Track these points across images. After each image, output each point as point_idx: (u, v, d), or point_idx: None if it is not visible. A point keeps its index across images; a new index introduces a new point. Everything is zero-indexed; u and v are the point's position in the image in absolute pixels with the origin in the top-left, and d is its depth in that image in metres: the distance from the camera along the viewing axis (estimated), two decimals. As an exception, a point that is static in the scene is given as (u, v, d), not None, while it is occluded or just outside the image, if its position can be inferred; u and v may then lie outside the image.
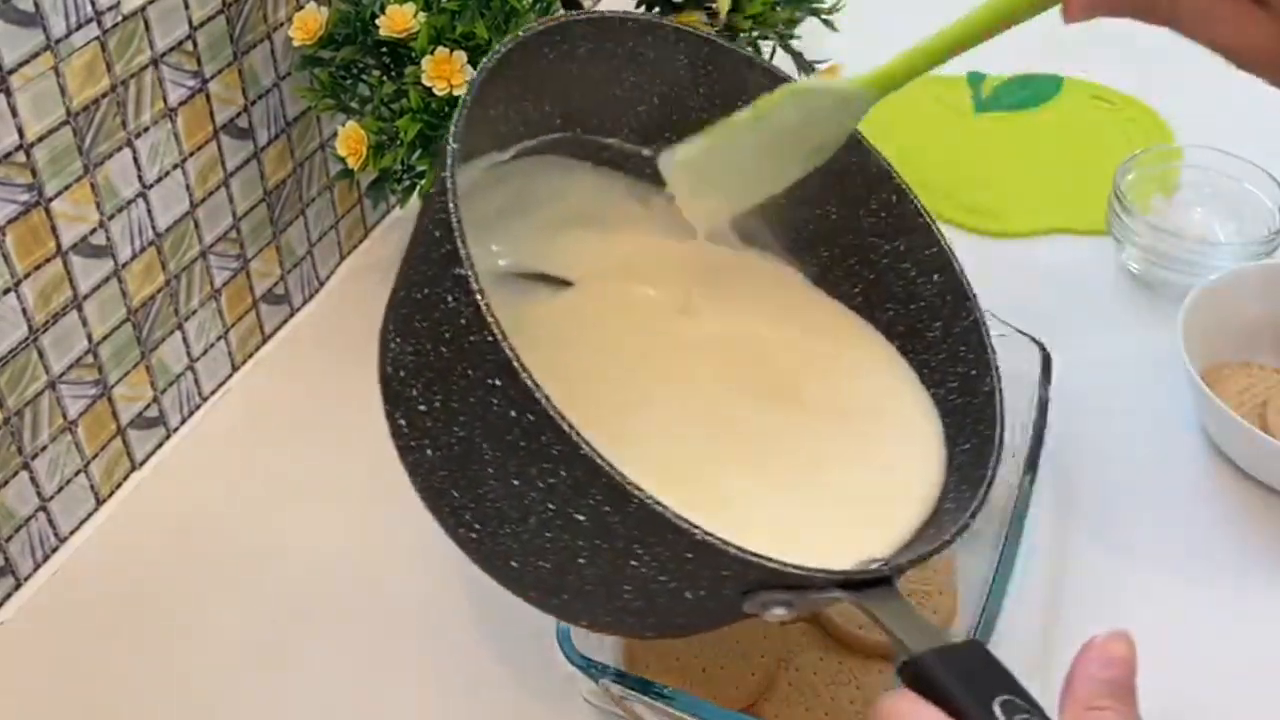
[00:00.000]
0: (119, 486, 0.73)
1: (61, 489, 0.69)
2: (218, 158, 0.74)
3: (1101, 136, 0.99)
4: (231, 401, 0.80)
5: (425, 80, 0.71)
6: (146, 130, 0.68)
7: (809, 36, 0.85)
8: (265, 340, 0.83)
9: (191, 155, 0.72)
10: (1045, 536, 0.69)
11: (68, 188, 0.64)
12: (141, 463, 0.75)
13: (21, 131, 0.60)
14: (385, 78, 0.75)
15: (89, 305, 0.67)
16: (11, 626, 0.67)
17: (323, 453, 0.76)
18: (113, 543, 0.71)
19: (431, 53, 0.71)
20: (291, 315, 0.85)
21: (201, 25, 0.69)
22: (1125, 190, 0.84)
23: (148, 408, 0.74)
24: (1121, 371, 0.79)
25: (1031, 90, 1.03)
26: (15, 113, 0.59)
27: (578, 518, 0.46)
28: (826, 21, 0.85)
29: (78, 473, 0.70)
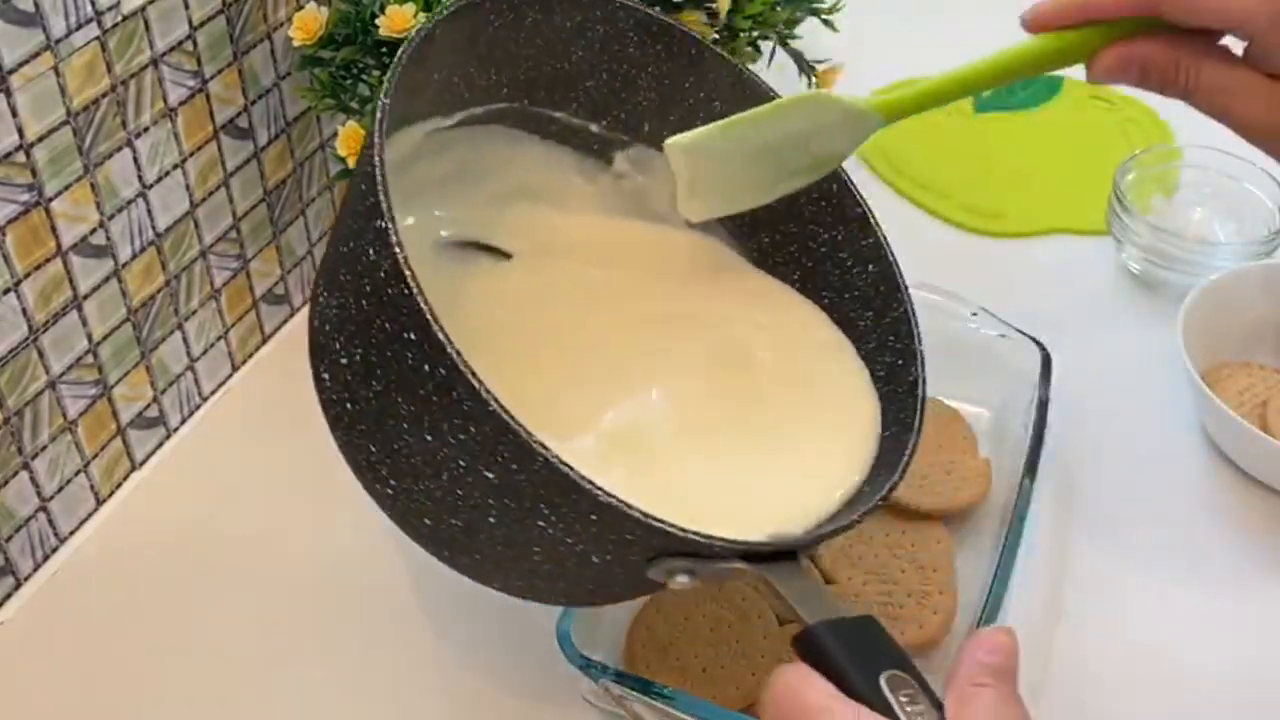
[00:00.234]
0: (119, 486, 0.73)
1: (61, 489, 0.69)
2: (218, 158, 0.74)
3: (1101, 136, 0.99)
4: (231, 401, 0.80)
5: (425, 80, 0.71)
6: (146, 130, 0.68)
7: (809, 36, 0.85)
8: (265, 340, 0.83)
9: (191, 155, 0.71)
10: (1045, 536, 0.69)
11: (68, 188, 0.64)
12: (141, 463, 0.75)
13: (21, 131, 0.60)
14: (385, 78, 0.75)
15: (89, 305, 0.67)
16: (11, 626, 0.67)
17: (323, 453, 0.75)
18: (113, 543, 0.71)
19: (431, 53, 0.71)
20: (291, 315, 0.85)
21: (201, 25, 0.69)
22: (1125, 190, 0.84)
23: (148, 408, 0.74)
24: (1121, 371, 0.79)
25: (1031, 90, 1.03)
26: (15, 113, 0.59)
27: (487, 475, 0.46)
28: (827, 22, 0.85)
29: (78, 473, 0.70)
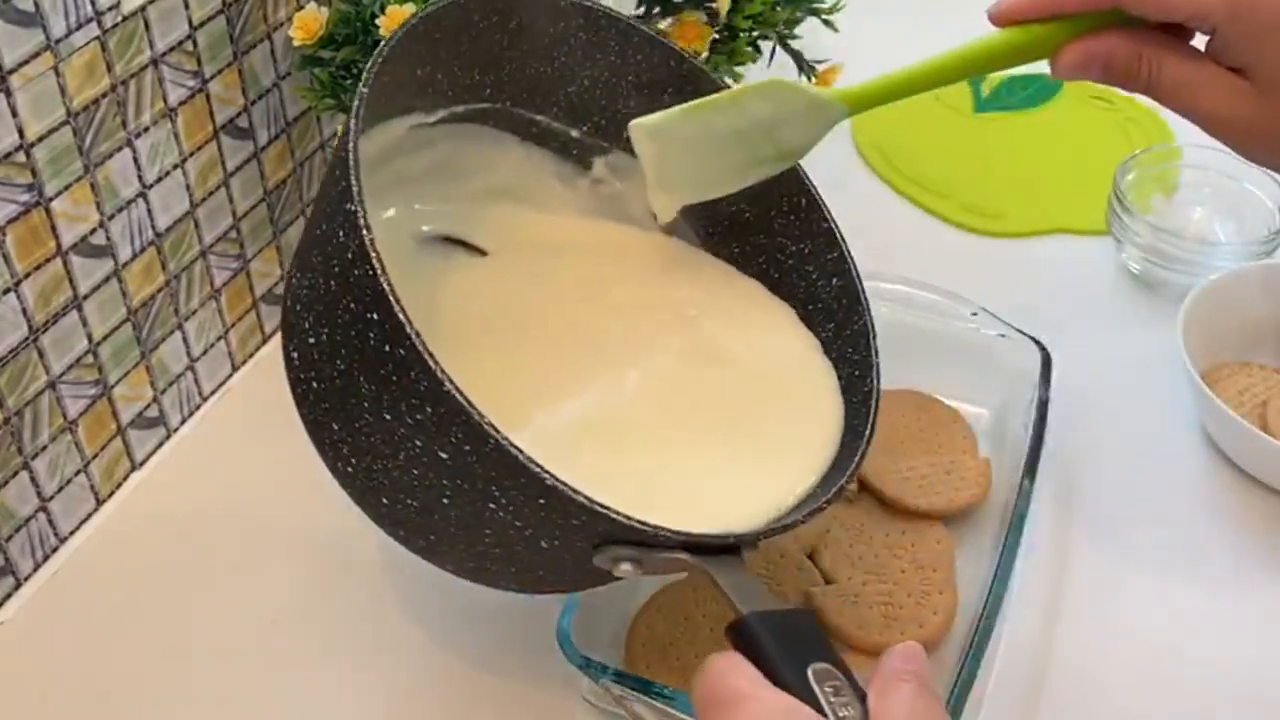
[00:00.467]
0: (119, 486, 0.73)
1: (61, 489, 0.69)
2: (218, 158, 0.74)
3: (1101, 136, 0.99)
4: (231, 401, 0.80)
5: (425, 80, 0.71)
6: (146, 130, 0.68)
7: (809, 36, 0.85)
8: (265, 340, 0.83)
9: (191, 155, 0.72)
10: (1045, 536, 0.69)
11: (68, 188, 0.64)
12: (141, 463, 0.75)
13: (21, 131, 0.60)
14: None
15: (89, 305, 0.67)
16: (11, 626, 0.67)
17: (323, 453, 0.76)
18: (113, 543, 0.71)
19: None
20: (291, 315, 0.85)
21: (201, 25, 0.69)
22: (1125, 190, 0.84)
23: (148, 408, 0.74)
24: (1121, 371, 0.79)
25: (1031, 90, 1.03)
26: (15, 113, 0.59)
27: (441, 455, 0.48)
28: (827, 22, 0.85)
29: (78, 473, 0.70)
